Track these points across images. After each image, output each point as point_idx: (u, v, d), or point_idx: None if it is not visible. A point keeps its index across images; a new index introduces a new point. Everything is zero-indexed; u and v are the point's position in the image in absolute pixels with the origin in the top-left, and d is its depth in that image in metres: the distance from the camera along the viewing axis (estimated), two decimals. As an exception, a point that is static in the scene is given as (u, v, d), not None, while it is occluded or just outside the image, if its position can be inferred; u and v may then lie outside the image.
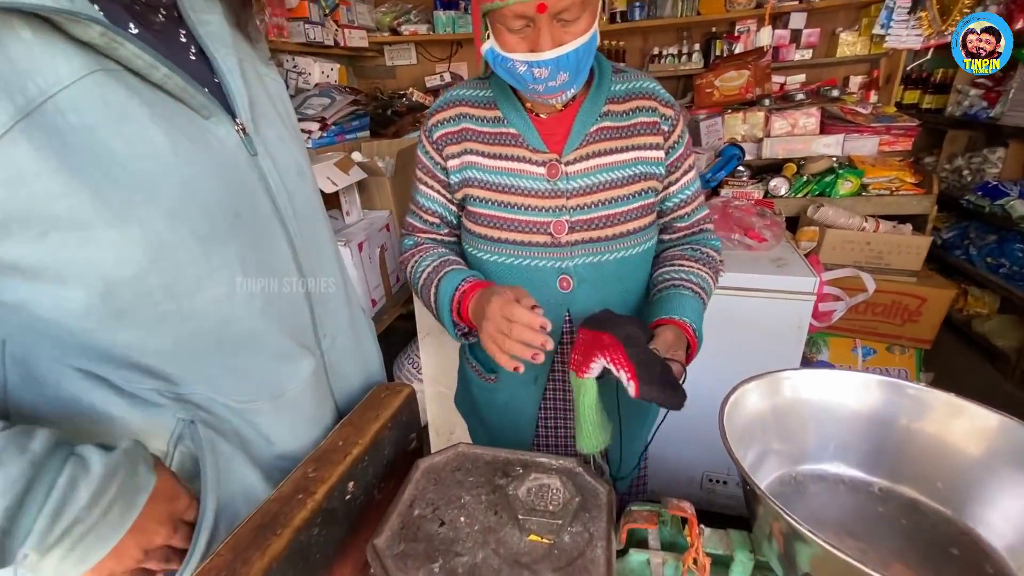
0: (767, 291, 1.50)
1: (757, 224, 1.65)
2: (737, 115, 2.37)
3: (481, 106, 0.83)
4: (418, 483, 0.61)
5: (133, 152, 0.40)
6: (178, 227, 0.42)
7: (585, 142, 0.79)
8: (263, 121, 0.54)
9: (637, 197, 0.81)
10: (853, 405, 0.56)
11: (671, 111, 0.83)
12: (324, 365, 0.61)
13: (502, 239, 0.82)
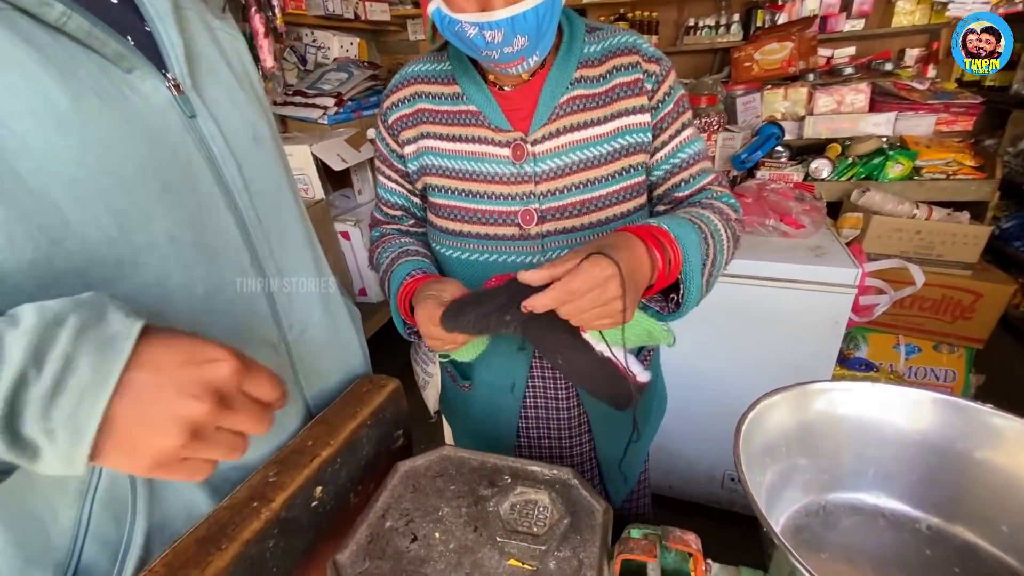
0: (803, 282, 1.38)
1: (795, 209, 1.52)
2: (777, 91, 2.20)
3: (438, 81, 0.72)
4: (394, 490, 0.56)
5: (17, 108, 0.33)
6: (84, 202, 0.36)
7: (554, 116, 0.68)
8: (209, 79, 0.47)
9: (619, 177, 0.70)
10: (901, 425, 0.47)
11: (656, 66, 0.69)
12: (290, 360, 0.55)
13: (466, 232, 0.73)
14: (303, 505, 0.50)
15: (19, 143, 0.34)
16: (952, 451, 0.44)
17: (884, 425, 0.47)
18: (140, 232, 0.39)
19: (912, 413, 0.46)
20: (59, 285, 0.36)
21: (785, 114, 2.22)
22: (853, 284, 1.33)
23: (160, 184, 0.40)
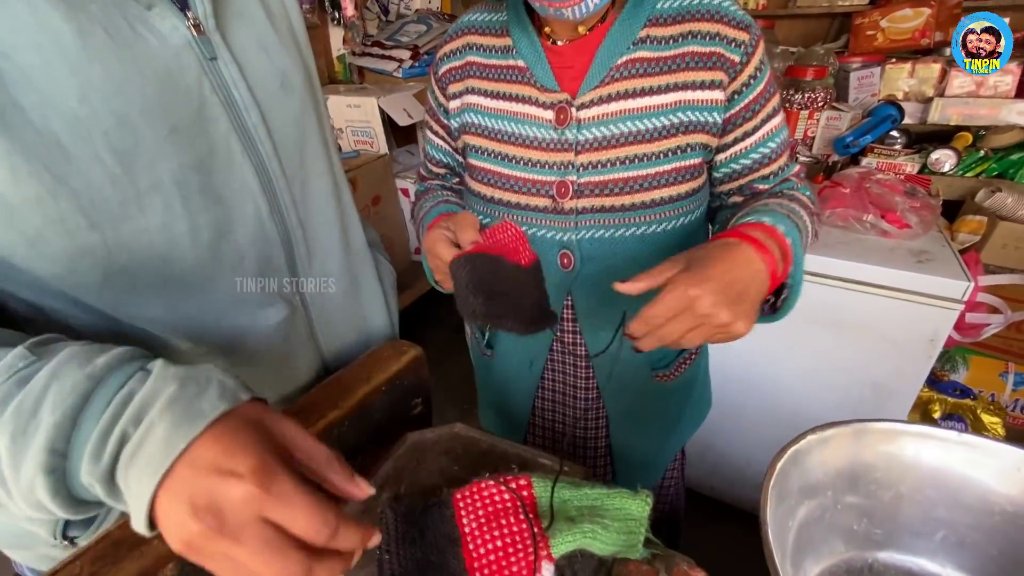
0: (899, 291, 1.22)
1: (901, 205, 1.32)
2: (903, 66, 1.90)
3: (491, 33, 0.66)
4: (398, 460, 0.54)
5: (21, 41, 0.33)
6: (86, 139, 0.35)
7: (608, 79, 0.60)
8: (236, 20, 0.45)
9: (672, 157, 0.61)
10: (989, 487, 0.38)
11: (745, 34, 0.58)
12: (307, 316, 0.54)
13: (498, 199, 0.67)
14: (304, 464, 0.50)
15: (22, 76, 0.33)
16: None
17: (965, 484, 0.38)
18: (144, 173, 0.38)
19: (1007, 476, 0.37)
20: (64, 222, 0.36)
21: (908, 94, 1.92)
22: (961, 299, 1.15)
23: (167, 126, 0.39)
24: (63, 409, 0.29)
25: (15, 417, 0.29)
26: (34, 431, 0.29)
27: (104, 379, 0.30)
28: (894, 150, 1.74)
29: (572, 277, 0.67)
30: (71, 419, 0.29)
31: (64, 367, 0.30)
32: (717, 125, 0.61)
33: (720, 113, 0.60)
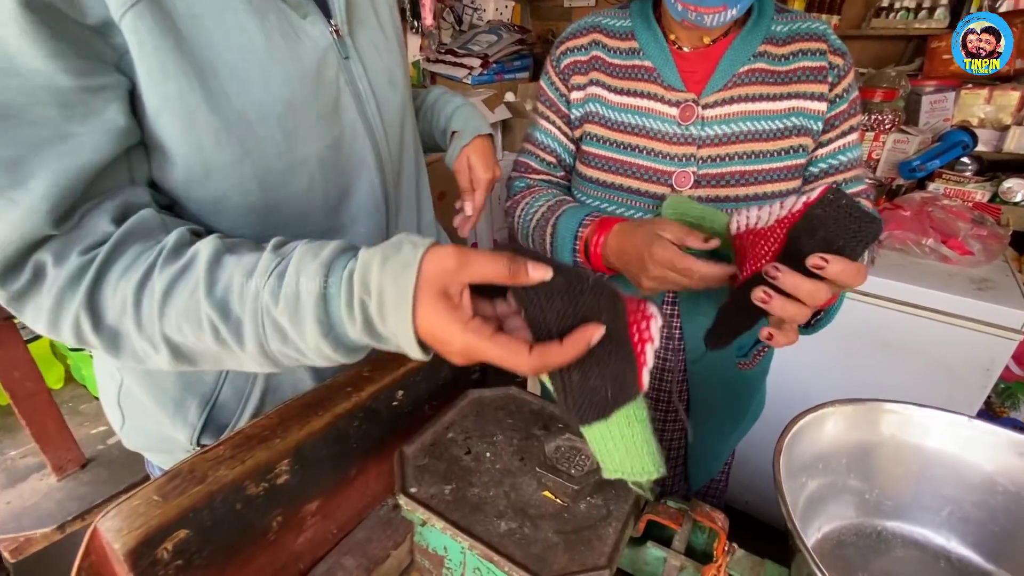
0: (956, 316, 1.20)
1: (964, 231, 1.30)
2: (979, 92, 1.85)
3: (616, 36, 0.75)
4: (461, 410, 0.63)
5: (230, 42, 0.43)
6: (267, 120, 0.46)
7: (731, 84, 0.69)
8: (360, 27, 0.55)
9: (785, 155, 0.69)
10: (991, 470, 0.42)
11: (841, 60, 0.69)
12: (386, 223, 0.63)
13: (617, 185, 0.75)
14: (385, 402, 0.59)
15: (229, 71, 0.44)
16: None
17: (971, 465, 0.42)
18: (299, 150, 0.49)
19: (1009, 459, 0.41)
20: (243, 185, 0.46)
21: (984, 120, 1.86)
22: (1019, 328, 1.13)
23: (315, 113, 0.49)
24: (313, 294, 0.37)
25: (287, 304, 0.37)
26: (303, 311, 0.37)
27: (332, 265, 0.38)
28: (964, 177, 1.70)
29: None
30: (322, 299, 0.37)
31: (303, 261, 0.38)
32: (817, 132, 0.69)
33: (821, 120, 0.69)
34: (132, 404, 0.58)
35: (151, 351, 0.42)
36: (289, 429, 0.49)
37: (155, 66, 0.40)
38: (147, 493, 0.41)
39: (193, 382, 0.56)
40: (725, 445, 0.93)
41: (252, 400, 0.57)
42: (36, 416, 0.84)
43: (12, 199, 0.37)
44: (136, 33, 0.39)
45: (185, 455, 0.57)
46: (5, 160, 0.37)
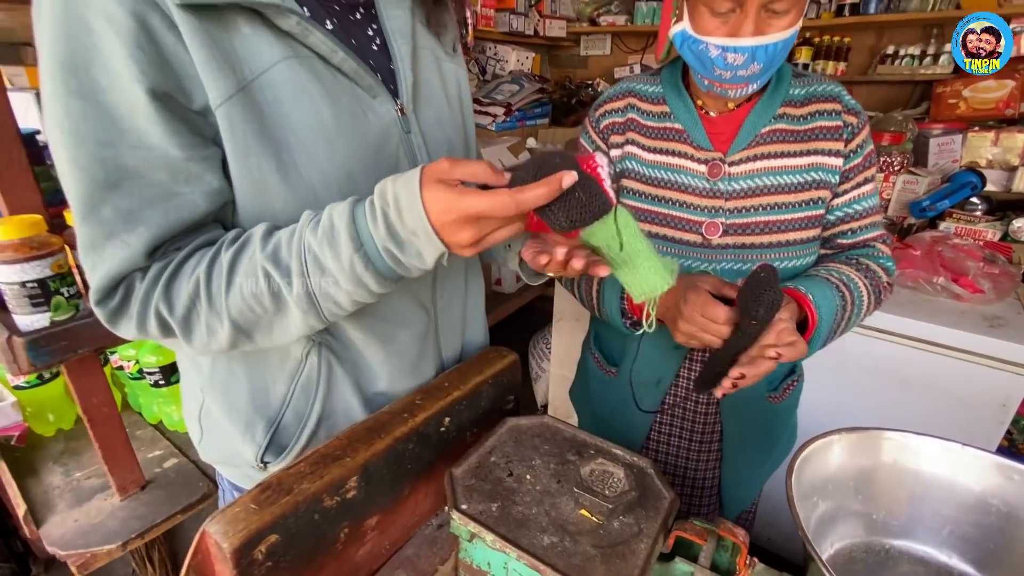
0: (969, 353, 1.24)
1: (974, 270, 1.35)
2: (986, 135, 1.92)
3: (649, 100, 0.83)
4: (501, 436, 0.69)
5: (305, 122, 0.51)
6: (328, 186, 0.54)
7: (754, 143, 0.77)
8: (425, 103, 0.63)
9: (804, 207, 0.77)
10: (987, 489, 0.47)
11: (855, 118, 0.77)
12: (436, 324, 0.71)
13: (652, 234, 0.82)
14: (435, 428, 0.66)
15: (300, 144, 0.52)
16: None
17: (967, 487, 0.47)
18: None
19: (1001, 482, 0.46)
20: None
21: (992, 161, 1.92)
22: (1033, 365, 1.16)
23: (373, 180, 0.54)
24: (344, 217, 0.47)
25: (324, 233, 0.47)
26: (338, 235, 0.46)
27: (356, 200, 0.48)
28: (974, 216, 1.74)
29: None
30: (351, 219, 0.47)
31: (334, 207, 0.48)
32: (834, 185, 0.77)
33: (838, 174, 0.76)
34: (210, 421, 0.66)
35: (217, 326, 0.50)
36: (357, 449, 0.56)
37: (240, 144, 0.49)
38: (245, 502, 0.48)
39: (262, 405, 0.63)
40: (758, 476, 0.96)
41: (310, 424, 0.64)
42: (108, 439, 0.92)
43: (125, 241, 0.47)
44: (229, 119, 0.48)
45: (250, 470, 0.65)
46: (124, 211, 0.47)
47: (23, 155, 0.73)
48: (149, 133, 0.46)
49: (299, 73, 0.51)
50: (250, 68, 0.48)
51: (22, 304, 0.71)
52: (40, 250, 0.71)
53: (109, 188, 0.46)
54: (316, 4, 0.55)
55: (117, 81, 0.44)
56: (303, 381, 0.62)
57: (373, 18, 0.61)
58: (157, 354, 1.11)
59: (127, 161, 0.46)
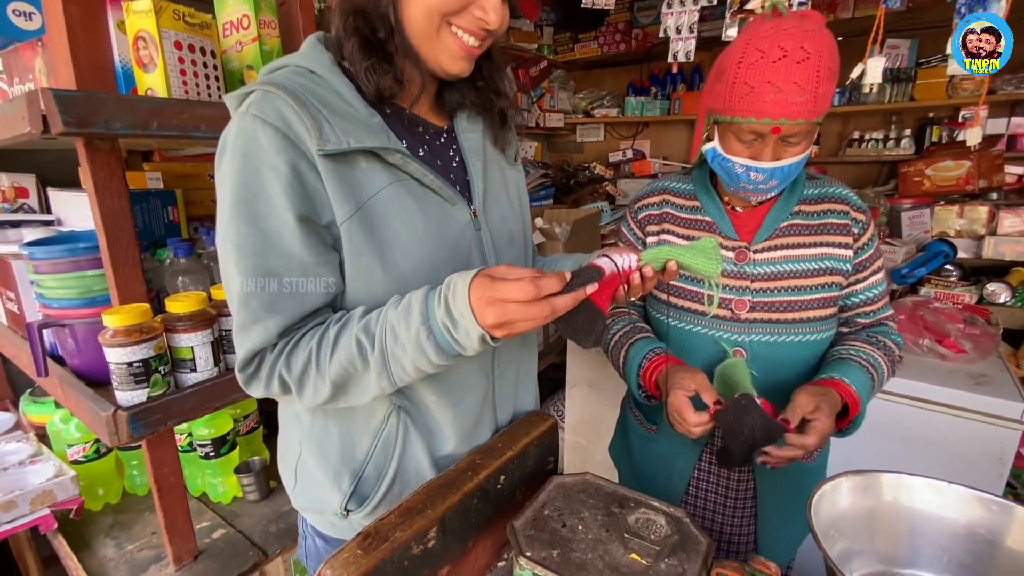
0: (960, 409, 1.34)
1: (954, 332, 1.48)
2: (951, 208, 2.13)
3: (682, 196, 0.99)
4: (550, 492, 0.78)
5: (403, 229, 0.66)
6: (418, 275, 0.67)
7: (775, 235, 0.91)
8: (491, 205, 0.78)
9: (820, 289, 0.90)
10: (975, 521, 0.56)
11: (863, 216, 0.91)
12: (493, 390, 0.81)
13: (686, 307, 0.95)
14: (492, 485, 0.75)
15: (399, 245, 0.66)
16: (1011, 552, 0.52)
17: (958, 520, 0.56)
18: None
19: (985, 515, 0.55)
20: None
21: (961, 231, 2.12)
22: (1019, 419, 1.26)
23: (452, 268, 0.67)
24: (419, 298, 0.58)
25: (402, 310, 0.58)
26: (412, 311, 0.57)
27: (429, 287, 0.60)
28: (950, 281, 1.90)
29: None
30: (424, 298, 0.58)
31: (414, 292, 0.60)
32: (847, 272, 0.90)
33: (849, 264, 0.90)
34: (304, 471, 0.76)
35: (321, 386, 0.62)
36: (435, 503, 0.65)
37: (355, 249, 0.63)
38: (352, 548, 0.57)
39: (349, 458, 0.73)
40: (793, 533, 1.02)
41: (387, 478, 0.73)
42: (172, 509, 0.99)
43: (265, 325, 0.61)
44: (348, 232, 0.63)
45: (334, 517, 0.76)
46: (267, 303, 0.61)
47: (136, 253, 0.86)
48: (291, 246, 0.60)
49: (400, 193, 0.66)
50: (365, 192, 0.63)
51: (127, 381, 0.82)
52: (146, 334, 0.82)
53: (259, 292, 0.60)
54: (411, 137, 0.71)
55: (274, 210, 0.58)
56: (384, 439, 0.72)
57: (453, 140, 0.77)
58: (210, 427, 1.19)
59: (273, 266, 0.60)
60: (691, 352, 0.95)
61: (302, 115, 0.58)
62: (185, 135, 0.80)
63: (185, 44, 0.81)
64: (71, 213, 1.35)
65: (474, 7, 0.62)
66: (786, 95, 0.75)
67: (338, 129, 0.59)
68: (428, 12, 0.61)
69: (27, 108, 0.67)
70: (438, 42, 0.63)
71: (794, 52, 0.74)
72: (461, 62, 0.66)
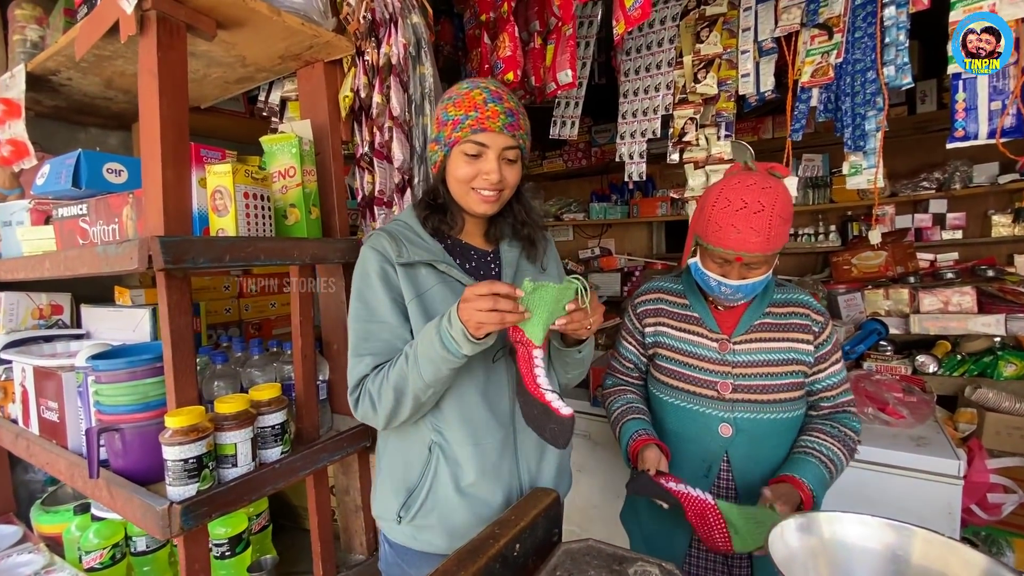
0: (904, 469, 1.50)
1: (892, 400, 1.69)
2: (878, 291, 2.45)
3: (674, 295, 1.22)
4: (560, 557, 0.89)
5: (437, 299, 0.92)
6: None
7: (750, 330, 1.12)
8: None
9: (788, 375, 1.10)
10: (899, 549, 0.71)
11: (821, 318, 1.13)
12: (515, 439, 0.99)
13: (679, 387, 1.14)
14: (509, 552, 0.86)
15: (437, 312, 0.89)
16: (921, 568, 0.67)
17: (882, 550, 0.72)
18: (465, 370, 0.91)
19: (898, 540, 0.71)
20: None
21: (890, 311, 2.42)
22: (958, 475, 1.43)
23: None
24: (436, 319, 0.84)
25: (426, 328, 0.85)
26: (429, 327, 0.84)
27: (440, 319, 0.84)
28: (887, 355, 2.16)
29: (729, 441, 1.09)
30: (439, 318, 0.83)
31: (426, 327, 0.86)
32: (810, 363, 1.10)
33: (811, 356, 1.10)
34: (382, 488, 1.02)
35: (387, 392, 0.88)
36: (466, 567, 0.77)
37: (416, 321, 0.92)
38: (404, 605, 0.67)
39: (405, 480, 0.98)
40: None
41: (421, 498, 0.96)
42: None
43: (365, 361, 0.92)
44: (411, 304, 0.93)
45: (392, 523, 0.99)
46: (368, 351, 0.93)
47: (194, 362, 1.01)
48: (386, 315, 0.93)
49: (444, 289, 0.95)
50: (422, 286, 0.94)
51: (180, 477, 0.92)
52: (201, 433, 0.94)
53: (364, 341, 0.93)
54: (462, 258, 0.99)
55: (375, 294, 0.93)
56: (426, 469, 0.96)
57: (498, 258, 1.04)
58: (227, 525, 1.25)
59: (373, 328, 0.93)
60: (685, 425, 1.13)
61: (392, 243, 0.94)
62: (249, 264, 0.99)
63: (251, 194, 1.03)
64: (101, 327, 1.48)
65: (482, 174, 0.93)
66: (744, 236, 0.98)
67: (409, 250, 0.94)
68: (458, 182, 0.95)
69: (137, 251, 0.85)
70: (468, 197, 0.96)
71: (752, 204, 0.98)
72: (484, 206, 0.96)
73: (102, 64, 1.27)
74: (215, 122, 1.81)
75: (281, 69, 1.34)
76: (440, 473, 0.95)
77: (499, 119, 0.91)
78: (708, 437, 1.10)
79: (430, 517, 0.96)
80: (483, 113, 0.91)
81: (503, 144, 0.93)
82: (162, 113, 0.95)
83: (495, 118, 0.91)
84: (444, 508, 0.96)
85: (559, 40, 1.66)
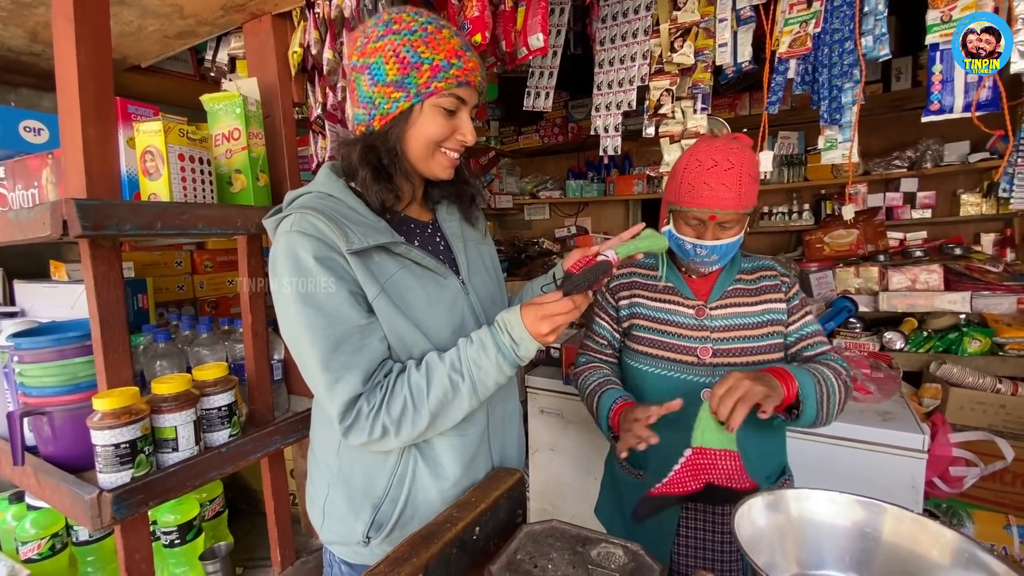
0: (871, 444, 1.52)
1: (860, 376, 1.70)
2: (848, 269, 2.46)
3: (646, 268, 1.19)
4: (521, 539, 0.85)
5: (414, 300, 0.82)
6: (429, 330, 0.82)
7: (724, 296, 1.11)
8: (475, 274, 0.93)
9: (767, 337, 1.09)
10: (868, 524, 0.69)
11: (787, 278, 1.14)
12: (488, 425, 0.93)
13: (658, 356, 1.12)
14: (469, 536, 0.82)
15: (414, 311, 0.81)
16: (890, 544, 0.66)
17: (855, 523, 0.70)
18: (443, 348, 0.83)
19: (864, 515, 0.69)
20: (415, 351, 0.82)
21: (860, 289, 2.44)
22: (922, 449, 1.45)
23: (452, 329, 0.84)
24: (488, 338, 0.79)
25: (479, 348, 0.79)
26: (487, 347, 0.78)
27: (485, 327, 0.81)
28: (856, 332, 2.18)
29: None
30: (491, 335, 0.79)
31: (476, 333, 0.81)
32: (785, 320, 1.10)
33: (784, 313, 1.10)
34: (333, 508, 0.88)
35: (419, 420, 0.78)
36: (420, 553, 0.72)
37: (386, 318, 0.80)
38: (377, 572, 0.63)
39: (369, 494, 0.86)
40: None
41: (399, 506, 0.86)
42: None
43: (348, 380, 0.76)
44: (379, 307, 0.79)
45: (357, 546, 0.87)
46: (342, 363, 0.76)
47: (127, 340, 0.93)
48: (351, 315, 0.77)
49: (407, 275, 0.83)
50: (382, 277, 0.80)
51: (112, 463, 0.85)
52: (134, 416, 0.87)
53: (336, 355, 0.75)
54: (406, 234, 0.88)
55: (328, 292, 0.75)
56: (398, 475, 0.85)
57: (438, 229, 0.95)
58: (176, 512, 1.19)
59: (341, 335, 0.76)
60: (665, 393, 1.10)
61: (331, 226, 0.76)
62: (184, 232, 0.90)
63: (188, 157, 0.94)
64: (36, 304, 1.37)
65: (457, 133, 0.83)
66: (717, 192, 0.99)
67: (357, 233, 0.77)
68: (427, 142, 0.82)
69: (50, 215, 0.76)
70: (432, 160, 0.84)
71: (723, 162, 0.99)
72: (449, 170, 0.87)
73: (22, 13, 1.14)
74: (161, 84, 1.67)
75: (226, 23, 1.23)
76: (419, 476, 0.87)
77: (479, 71, 0.83)
78: (690, 403, 1.06)
79: (410, 527, 0.87)
80: (466, 63, 0.80)
81: (475, 100, 0.85)
82: (80, 62, 0.85)
83: (476, 71, 0.82)
84: (428, 513, 0.87)
85: (530, 2, 1.58)
